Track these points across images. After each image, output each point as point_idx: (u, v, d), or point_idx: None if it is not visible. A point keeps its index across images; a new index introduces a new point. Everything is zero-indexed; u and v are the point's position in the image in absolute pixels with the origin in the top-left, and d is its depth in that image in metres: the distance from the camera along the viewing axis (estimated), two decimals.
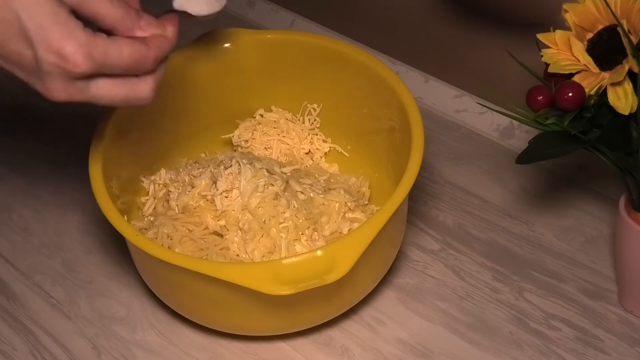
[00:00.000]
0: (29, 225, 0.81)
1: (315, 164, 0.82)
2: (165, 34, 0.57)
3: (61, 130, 0.90)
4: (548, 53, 0.63)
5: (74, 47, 0.51)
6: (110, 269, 0.77)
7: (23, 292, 0.76)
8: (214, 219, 0.71)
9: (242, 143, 0.81)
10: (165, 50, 0.57)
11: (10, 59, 0.53)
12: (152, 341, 0.71)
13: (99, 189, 0.66)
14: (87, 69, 0.52)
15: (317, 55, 0.78)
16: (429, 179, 0.83)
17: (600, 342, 0.69)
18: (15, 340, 0.72)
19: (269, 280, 0.59)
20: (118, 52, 0.54)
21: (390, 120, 0.74)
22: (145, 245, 0.63)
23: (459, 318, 0.71)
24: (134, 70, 0.55)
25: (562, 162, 0.82)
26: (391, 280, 0.74)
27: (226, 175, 0.71)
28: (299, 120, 0.82)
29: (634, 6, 0.59)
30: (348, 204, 0.71)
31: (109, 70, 0.54)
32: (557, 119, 0.62)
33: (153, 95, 0.57)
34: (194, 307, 0.68)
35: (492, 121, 0.87)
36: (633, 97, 0.59)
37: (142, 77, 0.56)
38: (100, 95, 0.55)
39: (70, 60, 0.52)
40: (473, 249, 0.77)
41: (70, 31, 0.51)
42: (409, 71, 0.93)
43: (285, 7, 1.04)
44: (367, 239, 0.61)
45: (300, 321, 0.68)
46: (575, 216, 0.79)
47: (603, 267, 0.74)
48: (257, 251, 0.68)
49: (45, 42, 0.51)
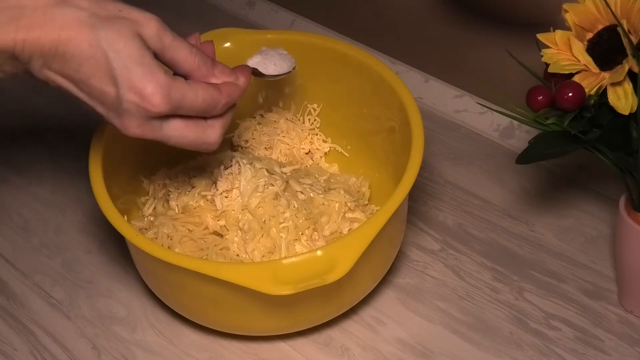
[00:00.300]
0: (29, 225, 0.81)
1: (315, 164, 0.82)
2: (236, 82, 0.62)
3: (61, 130, 0.90)
4: (548, 53, 0.63)
5: (154, 88, 0.55)
6: (110, 269, 0.77)
7: (23, 292, 0.76)
8: (214, 219, 0.71)
9: (242, 143, 0.81)
10: (235, 97, 0.61)
11: (94, 95, 0.56)
12: (152, 341, 0.71)
13: (99, 189, 0.66)
14: (165, 109, 0.56)
15: (317, 55, 0.78)
16: (429, 179, 0.83)
17: (600, 342, 0.69)
18: (15, 340, 0.72)
19: (269, 280, 0.59)
20: (194, 95, 0.57)
21: (390, 120, 0.74)
22: (145, 245, 0.63)
23: (459, 318, 0.71)
24: (206, 113, 0.59)
25: (562, 162, 0.82)
26: (391, 280, 0.74)
27: (226, 175, 0.71)
28: (299, 120, 0.82)
29: (634, 6, 0.59)
30: (348, 204, 0.71)
31: (183, 112, 0.58)
32: (557, 119, 0.62)
33: (220, 141, 0.61)
34: (194, 307, 0.68)
35: (492, 121, 0.87)
36: (633, 97, 0.59)
37: (211, 122, 0.60)
38: (171, 135, 0.59)
39: (150, 100, 0.55)
40: (473, 249, 0.77)
41: (152, 73, 0.55)
42: (409, 71, 0.93)
43: (285, 7, 1.04)
44: (367, 239, 0.61)
45: (300, 321, 0.68)
46: (575, 216, 0.79)
47: (603, 267, 0.74)
48: (257, 251, 0.68)
49: (128, 82, 0.55)
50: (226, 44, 0.78)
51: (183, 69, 0.59)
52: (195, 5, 1.10)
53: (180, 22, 1.07)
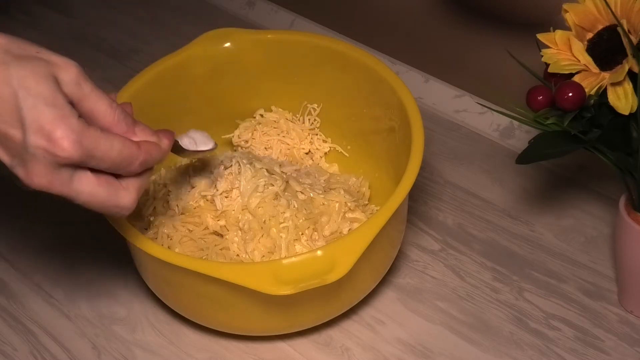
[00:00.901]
0: (29, 225, 0.81)
1: (315, 164, 0.82)
2: (159, 143, 0.57)
3: None
4: (548, 53, 0.63)
5: (65, 131, 0.50)
6: (110, 269, 0.77)
7: (23, 292, 0.76)
8: (214, 219, 0.71)
9: (242, 143, 0.81)
10: (155, 158, 0.57)
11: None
12: (152, 341, 0.71)
13: None
14: (75, 156, 0.51)
15: (317, 55, 0.78)
16: (429, 179, 0.83)
17: (600, 342, 0.69)
18: (15, 340, 0.72)
19: (269, 280, 0.59)
20: (109, 145, 0.53)
21: (390, 120, 0.74)
22: (145, 245, 0.63)
23: (459, 318, 0.71)
24: (121, 169, 0.54)
25: (562, 162, 0.82)
26: (391, 280, 0.74)
27: (226, 175, 0.71)
28: (299, 120, 0.82)
29: (634, 6, 0.59)
30: (348, 204, 0.71)
31: (95, 163, 0.53)
32: (557, 119, 0.62)
33: (133, 206, 0.56)
34: (194, 307, 0.68)
35: (492, 121, 0.87)
36: (633, 97, 0.59)
37: (125, 183, 0.55)
38: (81, 191, 0.53)
39: (59, 144, 0.50)
40: (473, 249, 0.77)
41: (63, 116, 0.50)
42: (409, 71, 0.93)
43: (285, 7, 1.04)
44: (367, 239, 0.61)
45: (300, 321, 0.68)
46: (575, 216, 0.79)
47: (603, 267, 0.74)
48: (257, 251, 0.68)
49: (36, 123, 0.50)
50: (226, 44, 0.78)
51: (101, 123, 0.54)
52: (195, 5, 1.10)
53: (180, 22, 1.07)
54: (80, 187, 0.53)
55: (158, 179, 0.75)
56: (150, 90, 0.74)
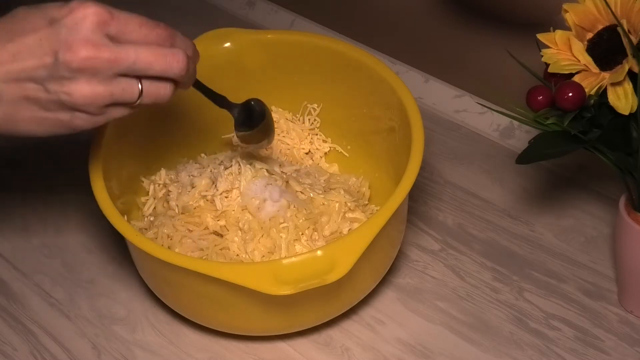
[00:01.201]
0: (29, 225, 0.81)
1: (315, 164, 0.82)
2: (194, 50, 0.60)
3: None
4: (548, 53, 0.63)
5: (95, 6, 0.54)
6: (110, 269, 0.77)
7: (23, 292, 0.75)
8: (214, 219, 0.71)
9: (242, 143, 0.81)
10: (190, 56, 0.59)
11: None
12: (152, 341, 0.71)
13: (99, 189, 0.66)
14: (112, 22, 0.54)
15: (317, 55, 0.78)
16: (429, 179, 0.83)
17: (600, 342, 0.69)
18: (15, 340, 0.72)
19: (269, 280, 0.59)
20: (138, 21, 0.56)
21: (390, 120, 0.74)
22: (145, 245, 0.63)
23: (459, 318, 0.71)
24: (160, 47, 0.56)
25: (562, 162, 0.82)
26: (391, 280, 0.74)
27: (226, 175, 0.71)
28: (299, 120, 0.82)
29: (634, 6, 0.59)
30: (348, 204, 0.71)
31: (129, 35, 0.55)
32: (557, 119, 0.62)
33: (187, 65, 0.58)
34: (194, 307, 0.68)
35: (492, 121, 0.87)
36: (633, 97, 0.59)
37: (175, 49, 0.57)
38: (134, 60, 0.55)
39: (96, 12, 0.54)
40: (473, 249, 0.77)
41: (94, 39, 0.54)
42: (409, 71, 0.93)
43: (285, 7, 1.04)
44: (367, 239, 0.61)
45: (300, 321, 0.68)
46: (575, 216, 0.79)
47: (603, 267, 0.74)
48: (257, 251, 0.68)
49: (67, 43, 0.53)
50: (226, 44, 0.78)
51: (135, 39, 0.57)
52: (195, 5, 1.10)
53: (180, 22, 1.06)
54: (129, 52, 0.55)
55: (158, 179, 0.75)
56: None
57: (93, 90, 0.55)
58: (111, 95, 0.55)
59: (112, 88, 0.55)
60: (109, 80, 0.55)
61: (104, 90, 0.55)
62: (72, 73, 0.54)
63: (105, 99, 0.55)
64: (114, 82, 0.55)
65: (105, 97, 0.55)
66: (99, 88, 0.55)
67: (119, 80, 0.55)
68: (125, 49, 0.55)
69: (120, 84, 0.55)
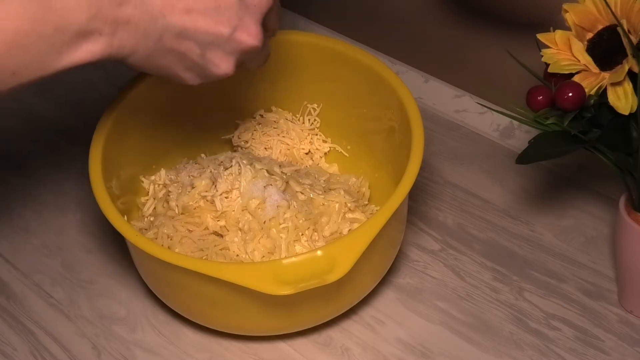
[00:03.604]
0: (29, 225, 0.81)
1: (315, 164, 0.82)
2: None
3: (61, 130, 0.90)
4: (548, 53, 0.63)
5: (257, 36, 0.60)
6: (110, 269, 0.77)
7: (23, 292, 0.76)
8: (214, 220, 0.71)
9: (242, 143, 0.81)
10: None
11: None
12: (152, 341, 0.71)
13: (99, 189, 0.66)
14: (256, 47, 0.60)
15: (317, 55, 0.78)
16: (429, 179, 0.83)
17: (600, 342, 0.69)
18: (15, 340, 0.72)
19: (269, 280, 0.59)
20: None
21: (390, 120, 0.74)
22: (145, 245, 0.63)
23: (459, 318, 0.71)
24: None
25: (562, 162, 0.82)
26: (391, 280, 0.74)
27: (226, 175, 0.71)
28: (299, 120, 0.82)
29: (634, 6, 0.59)
30: (348, 204, 0.71)
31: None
32: (557, 119, 0.62)
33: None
34: (194, 307, 0.68)
35: (492, 121, 0.87)
36: (633, 97, 0.59)
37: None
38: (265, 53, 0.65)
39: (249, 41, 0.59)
40: (473, 249, 0.77)
41: (259, 28, 0.60)
42: (409, 71, 0.93)
43: (286, 7, 1.04)
44: (367, 239, 0.61)
45: (300, 321, 0.68)
46: (575, 216, 0.79)
47: (603, 267, 0.74)
48: (257, 251, 0.68)
49: (244, 26, 0.58)
50: None
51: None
52: None
53: None
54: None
55: (158, 179, 0.75)
56: (151, 90, 0.74)
57: (232, 69, 0.60)
58: (233, 73, 0.61)
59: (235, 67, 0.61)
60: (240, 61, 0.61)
61: (234, 69, 0.61)
62: (235, 53, 0.59)
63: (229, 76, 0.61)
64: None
65: (231, 74, 0.61)
66: (233, 67, 0.60)
67: None
68: (266, 43, 0.62)
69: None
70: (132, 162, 0.75)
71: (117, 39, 0.55)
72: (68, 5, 0.53)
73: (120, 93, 0.73)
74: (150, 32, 0.56)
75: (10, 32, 0.51)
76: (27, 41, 0.52)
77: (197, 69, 0.60)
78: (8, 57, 0.52)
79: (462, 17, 0.86)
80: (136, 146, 0.75)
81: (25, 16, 0.51)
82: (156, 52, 0.58)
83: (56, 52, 0.54)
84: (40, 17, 0.52)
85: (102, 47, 0.55)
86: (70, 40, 0.54)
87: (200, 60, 0.59)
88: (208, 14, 0.57)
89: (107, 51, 0.56)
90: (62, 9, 0.52)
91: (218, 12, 0.57)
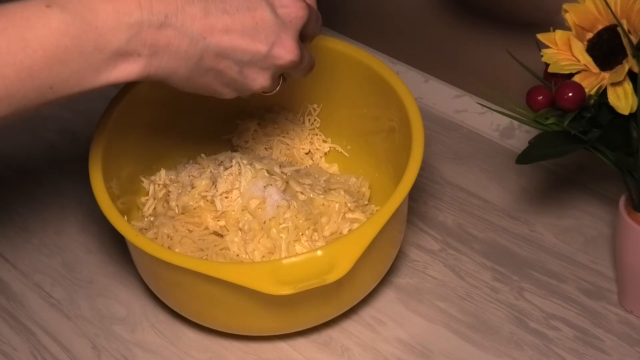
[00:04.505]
0: (29, 225, 0.81)
1: (315, 164, 0.82)
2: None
3: (61, 130, 0.90)
4: (548, 53, 0.63)
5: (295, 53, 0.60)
6: (110, 269, 0.77)
7: (23, 292, 0.76)
8: (214, 220, 0.71)
9: (242, 143, 0.81)
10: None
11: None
12: (152, 341, 0.71)
13: (99, 189, 0.66)
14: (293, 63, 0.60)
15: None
16: (429, 179, 0.83)
17: (600, 342, 0.69)
18: (15, 340, 0.72)
19: (269, 280, 0.59)
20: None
21: (390, 120, 0.74)
22: (145, 245, 0.63)
23: (459, 318, 0.71)
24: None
25: (562, 162, 0.82)
26: (391, 280, 0.74)
27: (226, 176, 0.71)
28: (299, 120, 0.82)
29: (634, 6, 0.59)
30: (348, 204, 0.71)
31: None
32: (557, 119, 0.62)
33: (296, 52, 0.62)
34: (194, 307, 0.68)
35: (492, 121, 0.87)
36: (633, 97, 0.59)
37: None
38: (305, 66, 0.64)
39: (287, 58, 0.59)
40: (473, 249, 0.77)
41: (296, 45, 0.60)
42: (409, 71, 0.93)
43: None
44: (367, 239, 0.61)
45: (300, 321, 0.68)
46: (575, 216, 0.79)
47: (603, 267, 0.74)
48: (257, 251, 0.68)
49: (281, 41, 0.59)
50: None
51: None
52: None
53: None
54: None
55: (158, 179, 0.75)
56: (151, 90, 0.74)
57: (269, 83, 0.61)
58: (271, 89, 0.62)
59: (276, 83, 0.62)
60: (279, 76, 0.62)
61: (273, 84, 0.61)
62: (272, 68, 0.59)
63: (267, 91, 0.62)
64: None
65: (269, 90, 0.62)
66: (270, 81, 0.61)
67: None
68: (305, 56, 0.62)
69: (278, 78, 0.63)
70: (132, 162, 0.75)
71: (156, 61, 0.56)
72: (109, 25, 0.53)
73: (120, 93, 0.73)
74: (191, 54, 0.56)
75: (51, 47, 0.52)
76: (67, 57, 0.52)
77: (234, 84, 0.60)
78: (48, 71, 0.52)
79: (462, 17, 0.86)
80: (136, 146, 0.75)
81: (67, 32, 0.52)
82: (196, 72, 0.58)
83: (94, 70, 0.54)
84: (81, 34, 0.52)
85: (140, 68, 0.55)
86: (109, 59, 0.54)
87: (239, 77, 0.59)
88: (246, 32, 0.57)
89: (145, 71, 0.56)
90: (102, 28, 0.53)
91: (256, 30, 0.57)
